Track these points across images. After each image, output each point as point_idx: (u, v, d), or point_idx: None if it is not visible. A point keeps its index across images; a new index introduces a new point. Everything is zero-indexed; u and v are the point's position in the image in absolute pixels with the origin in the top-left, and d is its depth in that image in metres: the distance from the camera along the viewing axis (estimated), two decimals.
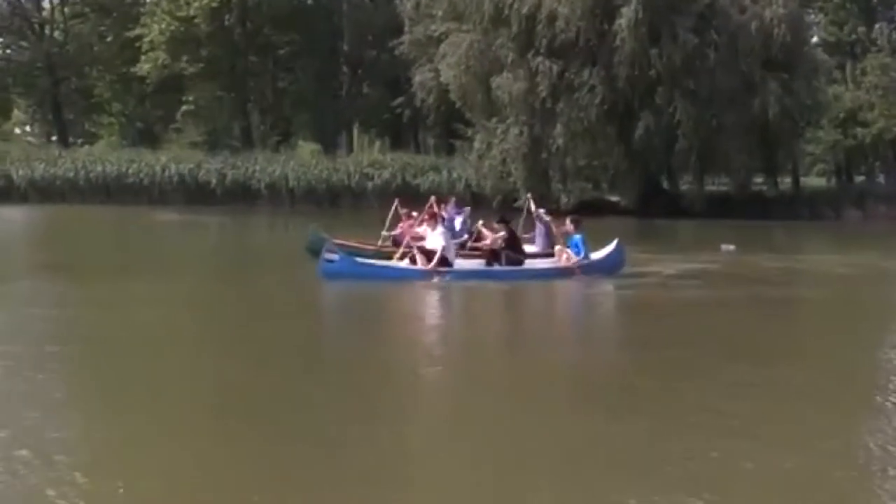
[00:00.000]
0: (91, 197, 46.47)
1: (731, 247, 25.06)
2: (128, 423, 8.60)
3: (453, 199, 26.05)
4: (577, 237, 19.36)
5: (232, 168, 47.51)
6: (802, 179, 46.48)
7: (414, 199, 32.50)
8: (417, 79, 44.88)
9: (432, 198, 22.17)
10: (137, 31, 53.29)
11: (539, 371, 11.02)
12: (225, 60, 54.47)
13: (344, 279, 17.52)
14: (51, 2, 63.58)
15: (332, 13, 55.59)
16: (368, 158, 48.65)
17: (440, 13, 42.54)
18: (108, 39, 57.74)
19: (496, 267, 18.89)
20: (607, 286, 18.02)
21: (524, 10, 37.87)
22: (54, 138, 63.59)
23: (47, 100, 62.29)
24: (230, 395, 9.83)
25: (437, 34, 42.62)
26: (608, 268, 18.80)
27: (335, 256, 18.05)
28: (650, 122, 37.36)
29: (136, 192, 46.89)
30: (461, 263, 18.92)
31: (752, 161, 40.19)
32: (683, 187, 42.30)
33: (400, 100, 50.08)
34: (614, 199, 41.26)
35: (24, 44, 62.30)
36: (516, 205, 39.33)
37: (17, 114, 71.15)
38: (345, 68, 57.15)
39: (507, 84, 38.64)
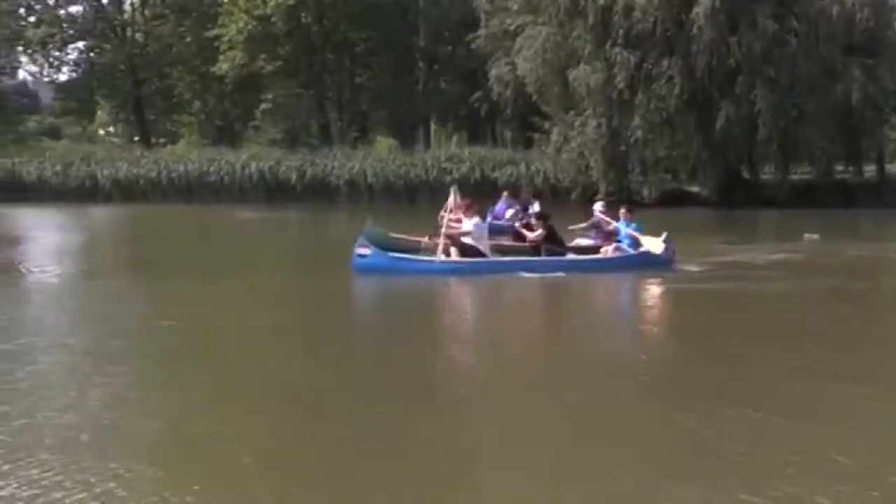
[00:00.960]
0: (173, 196, 47.24)
1: (816, 236, 24.78)
2: (203, 419, 8.84)
3: (505, 193, 26.10)
4: (633, 225, 19.35)
5: (311, 165, 47.94)
6: (888, 167, 45.61)
7: (492, 192, 32.71)
8: (494, 72, 44.89)
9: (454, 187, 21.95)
10: (216, 30, 53.95)
11: (612, 364, 11.09)
12: (302, 58, 55.03)
13: (377, 274, 17.88)
14: (132, 4, 64.65)
15: (408, 9, 55.81)
16: (446, 153, 48.81)
17: (516, 6, 42.53)
18: (188, 40, 58.53)
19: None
20: (682, 278, 17.94)
21: (600, 1, 37.70)
22: (136, 139, 64.66)
23: (129, 101, 63.35)
24: (304, 392, 10.04)
25: (512, 27, 42.59)
26: (656, 262, 18.61)
27: (368, 251, 18.34)
28: (730, 111, 36.96)
29: (216, 190, 47.52)
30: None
31: (835, 149, 39.53)
32: (765, 177, 41.78)
33: (477, 94, 50.12)
34: (694, 189, 40.93)
35: (106, 46, 63.39)
36: (596, 198, 39.44)
37: (100, 115, 72.52)
38: (421, 63, 57.35)
39: (584, 76, 38.51)
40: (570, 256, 19.32)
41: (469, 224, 18.91)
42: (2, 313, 14.73)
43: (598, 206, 22.75)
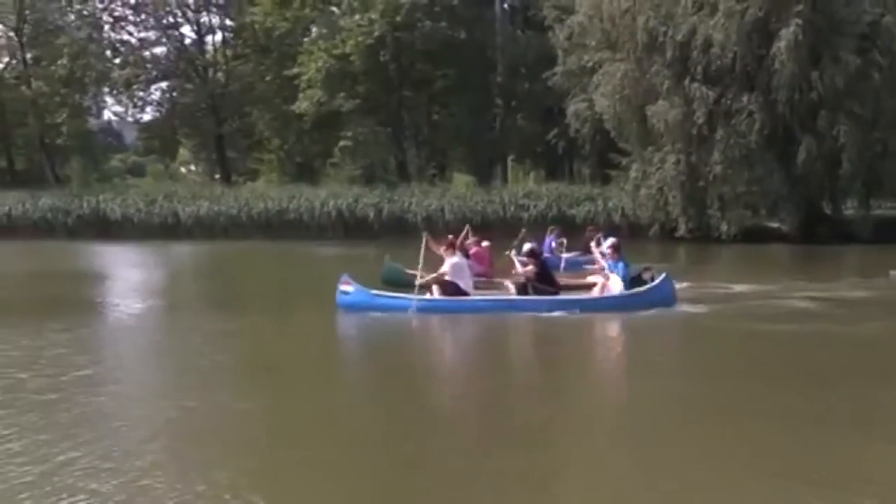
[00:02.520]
0: (253, 233, 47.80)
1: None
2: (272, 455, 8.92)
3: (551, 228, 28.64)
4: (621, 264, 19.09)
5: (388, 202, 48.24)
6: None
7: (570, 228, 32.67)
8: (571, 109, 44.88)
9: (466, 226, 22.52)
10: (295, 69, 54.65)
11: (661, 400, 11.00)
12: (380, 96, 55.55)
13: (359, 311, 18.04)
14: (214, 45, 65.99)
15: (485, 47, 56.07)
16: (523, 190, 48.84)
17: (593, 43, 42.48)
18: (268, 79, 59.40)
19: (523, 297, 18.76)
20: (734, 316, 17.60)
21: (679, 37, 37.54)
22: (217, 176, 65.71)
23: (211, 139, 64.53)
24: (379, 425, 10.07)
25: (590, 64, 42.55)
26: (656, 300, 18.24)
27: (350, 288, 18.64)
28: (811, 146, 36.49)
29: (295, 227, 47.97)
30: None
31: None
32: (847, 212, 41.16)
33: (554, 131, 50.08)
34: (775, 225, 40.41)
35: (188, 86, 64.67)
36: (677, 234, 39.15)
37: (182, 153, 73.87)
38: (498, 101, 57.51)
39: (662, 112, 38.31)
40: (562, 296, 18.99)
41: (447, 263, 18.94)
42: (81, 348, 15.06)
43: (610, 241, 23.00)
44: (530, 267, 19.51)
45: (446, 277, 18.74)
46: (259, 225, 48.73)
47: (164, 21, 64.66)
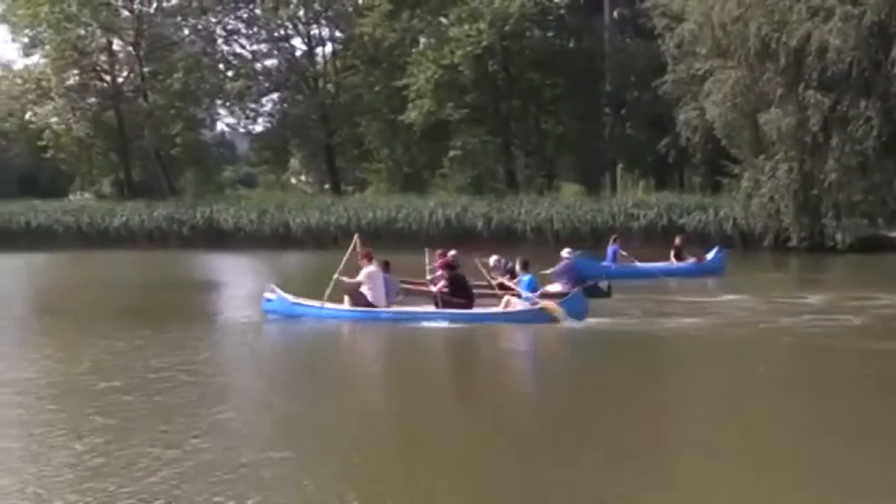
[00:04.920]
0: (362, 242, 48.20)
1: None
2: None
3: (613, 237, 30.93)
4: (527, 278, 19.75)
5: (497, 211, 48.43)
6: None
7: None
8: (682, 117, 44.54)
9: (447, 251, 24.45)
10: (404, 80, 55.10)
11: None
12: (489, 105, 55.75)
13: (280, 316, 19.86)
14: (324, 57, 66.86)
15: (594, 55, 55.88)
16: (633, 199, 48.60)
17: (704, 51, 42.15)
18: (377, 89, 59.97)
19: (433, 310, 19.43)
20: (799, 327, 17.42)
21: (793, 43, 37.08)
22: (327, 186, 66.53)
23: (321, 150, 65.36)
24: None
25: (701, 72, 42.23)
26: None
27: (273, 296, 20.26)
28: None
29: (404, 236, 48.34)
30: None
31: None
32: None
33: (665, 140, 49.71)
34: (893, 235, 39.59)
35: (299, 98, 65.65)
36: (790, 244, 38.57)
37: (293, 164, 74.95)
38: (607, 109, 57.26)
39: (775, 119, 37.87)
40: (477, 310, 19.48)
41: (363, 272, 19.73)
42: (194, 354, 15.67)
43: (565, 252, 24.34)
44: (442, 282, 20.25)
45: (362, 288, 19.53)
46: (368, 234, 49.06)
47: (276, 34, 65.75)
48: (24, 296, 30.84)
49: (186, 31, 66.39)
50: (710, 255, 30.58)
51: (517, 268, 21.10)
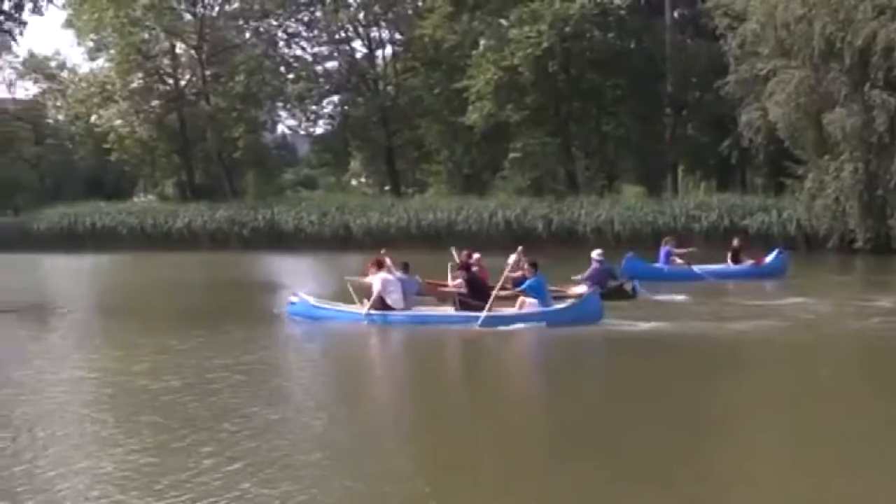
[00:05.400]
0: (421, 244, 48.33)
1: None
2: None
3: (666, 239, 30.84)
4: (534, 281, 19.52)
5: (557, 213, 48.27)
6: None
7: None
8: (744, 118, 43.98)
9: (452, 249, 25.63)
10: (464, 82, 55.03)
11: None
12: (549, 107, 55.50)
13: (304, 319, 20.29)
14: (384, 59, 67.00)
15: (655, 56, 55.45)
16: (694, 200, 48.19)
17: (767, 50, 41.62)
18: (437, 91, 59.96)
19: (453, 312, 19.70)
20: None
21: (858, 43, 36.52)
22: (387, 188, 66.65)
23: (381, 152, 65.47)
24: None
25: (763, 72, 41.71)
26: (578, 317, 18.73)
27: (297, 299, 20.87)
28: None
29: (464, 238, 48.15)
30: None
31: None
32: None
33: (727, 141, 49.22)
34: None
35: (359, 100, 65.87)
36: (856, 245, 37.99)
37: (353, 166, 75.18)
38: (668, 110, 56.81)
39: (839, 119, 37.32)
40: (491, 313, 19.29)
41: (376, 279, 20.01)
42: (250, 354, 15.80)
43: (595, 254, 24.53)
44: (458, 281, 20.38)
45: (375, 294, 19.75)
46: (428, 236, 49.22)
47: (336, 36, 65.97)
48: (88, 297, 31.25)
49: (248, 34, 66.84)
50: (769, 258, 30.16)
51: (526, 270, 20.92)
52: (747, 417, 11.52)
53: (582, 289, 22.37)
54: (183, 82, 66.44)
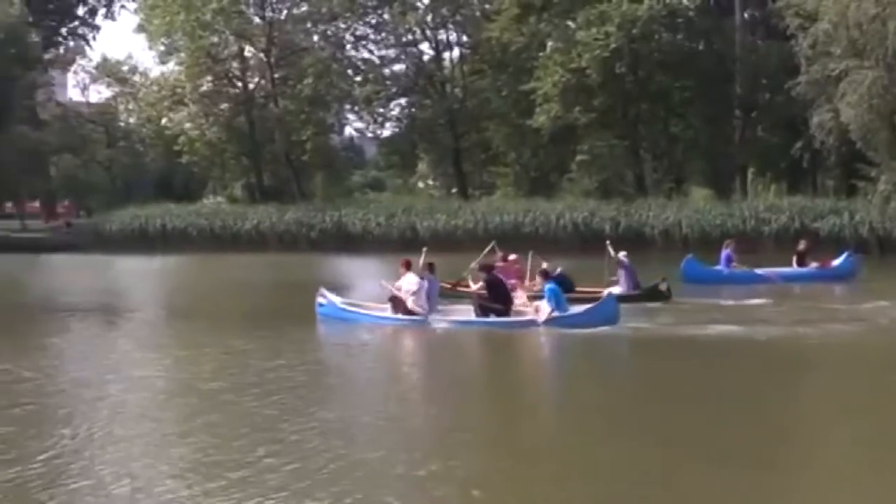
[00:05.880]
0: (485, 245, 48.15)
1: None
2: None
3: (727, 241, 30.99)
4: (549, 287, 19.55)
5: (625, 215, 47.94)
6: None
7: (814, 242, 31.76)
8: (815, 119, 43.38)
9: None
10: (531, 84, 54.84)
11: None
12: (617, 109, 55.12)
13: (332, 321, 20.48)
14: (451, 61, 66.99)
15: (725, 57, 54.84)
16: (764, 203, 47.58)
17: (839, 51, 40.97)
18: (504, 93, 59.84)
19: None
20: None
21: None
22: (454, 190, 66.62)
23: (448, 154, 65.47)
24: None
25: (835, 73, 41.06)
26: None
27: (325, 301, 21.13)
28: None
29: (531, 240, 47.85)
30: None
31: None
32: None
33: (798, 144, 48.52)
34: None
35: (427, 102, 65.95)
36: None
37: (420, 168, 75.30)
38: (738, 112, 56.14)
39: None
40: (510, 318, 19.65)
41: (404, 280, 20.18)
42: (313, 355, 15.92)
43: (623, 255, 24.48)
44: (479, 284, 20.47)
45: (401, 295, 20.01)
46: (495, 238, 48.87)
47: (404, 39, 66.15)
48: (157, 297, 31.61)
49: (316, 38, 67.19)
50: (838, 261, 29.63)
51: (537, 279, 21.09)
52: (825, 423, 11.35)
53: (618, 289, 22.64)
54: (252, 85, 66.97)
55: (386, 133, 70.48)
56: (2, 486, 8.74)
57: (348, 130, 75.19)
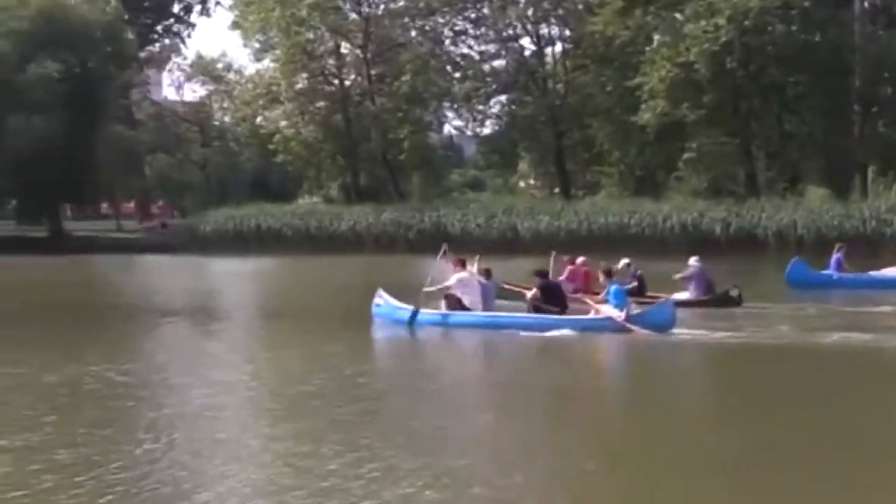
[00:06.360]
0: (592, 248, 47.53)
1: None
2: None
3: (837, 245, 30.54)
4: (614, 288, 19.66)
5: (736, 216, 47.21)
6: None
7: None
8: None
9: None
10: (637, 79, 54.26)
11: None
12: (727, 105, 54.21)
13: (387, 322, 20.93)
14: (553, 56, 66.61)
15: (842, 49, 53.62)
16: (886, 203, 46.41)
17: None
18: (609, 89, 59.32)
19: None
20: None
21: None
22: (556, 190, 66.22)
23: (550, 152, 65.09)
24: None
25: None
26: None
27: (382, 301, 21.54)
28: None
29: (636, 242, 47.52)
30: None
31: None
32: None
33: None
34: None
35: (528, 99, 65.62)
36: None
37: (521, 167, 75.03)
38: (856, 107, 54.85)
39: None
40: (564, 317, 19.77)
41: (454, 278, 20.52)
42: (398, 359, 16.33)
43: (692, 260, 24.46)
44: (533, 289, 20.56)
45: (452, 291, 20.37)
46: (599, 240, 48.56)
47: (504, 34, 65.93)
48: (249, 299, 31.87)
49: (414, 33, 67.31)
50: None
51: (601, 277, 20.79)
52: None
53: (685, 295, 23.00)
54: (348, 82, 67.38)
55: (486, 131, 70.42)
56: (81, 493, 8.70)
57: (447, 128, 75.43)
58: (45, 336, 20.41)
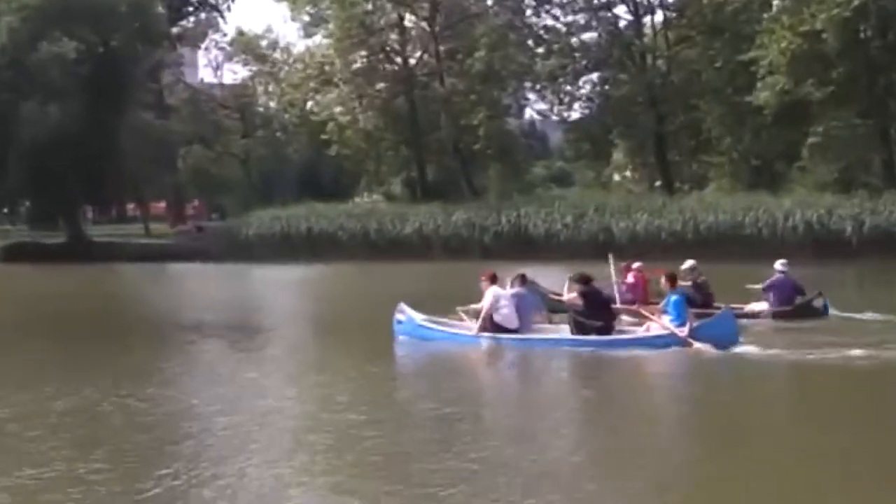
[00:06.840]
0: (700, 251, 47.04)
1: None
2: None
3: None
4: (675, 298, 19.60)
5: (871, 213, 46.55)
6: None
7: None
8: None
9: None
10: (752, 53, 53.88)
11: None
12: (860, 81, 53.60)
13: (410, 338, 21.41)
14: (653, 27, 66.28)
15: None
16: None
17: None
18: (718, 65, 59.01)
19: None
20: None
21: None
22: (657, 184, 65.93)
23: (650, 140, 64.82)
24: None
25: None
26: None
27: (403, 317, 21.97)
28: None
29: (752, 243, 47.13)
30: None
31: None
32: None
33: None
34: None
35: (623, 77, 65.42)
36: None
37: (616, 158, 74.73)
38: None
39: None
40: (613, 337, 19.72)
41: (487, 296, 20.54)
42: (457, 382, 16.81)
43: (778, 265, 24.59)
44: (573, 295, 20.30)
45: (485, 311, 20.40)
46: (707, 241, 48.22)
47: (596, 1, 65.74)
48: (296, 313, 32.01)
49: (489, 2, 67.44)
50: None
51: (662, 283, 21.00)
52: None
53: (763, 306, 23.41)
54: (413, 61, 67.71)
55: (574, 115, 70.36)
56: None
57: (528, 113, 75.50)
58: (60, 356, 20.75)
